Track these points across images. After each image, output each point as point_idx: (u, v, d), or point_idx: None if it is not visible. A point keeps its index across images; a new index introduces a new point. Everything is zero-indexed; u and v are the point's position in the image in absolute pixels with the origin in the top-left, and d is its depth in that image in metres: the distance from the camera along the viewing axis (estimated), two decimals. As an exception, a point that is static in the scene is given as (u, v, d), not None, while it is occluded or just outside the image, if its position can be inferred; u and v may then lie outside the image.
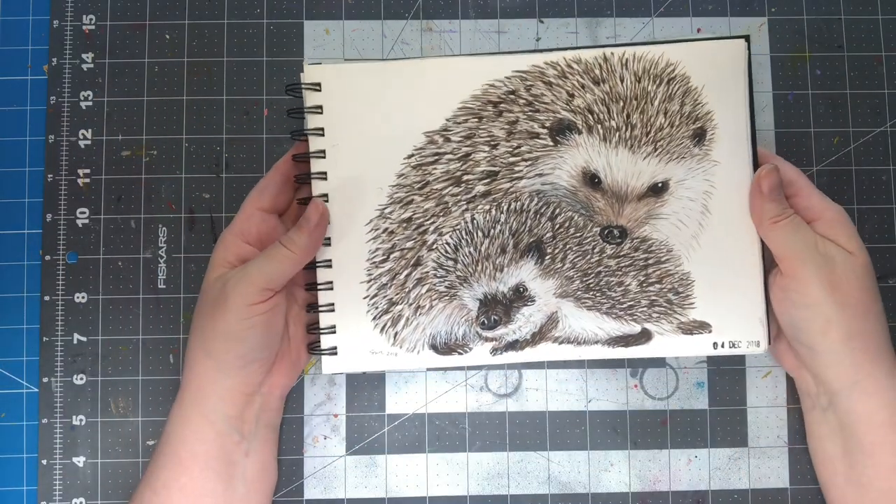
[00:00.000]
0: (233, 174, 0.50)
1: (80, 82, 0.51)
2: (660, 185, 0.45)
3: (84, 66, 0.51)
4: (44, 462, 0.48)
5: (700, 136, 0.45)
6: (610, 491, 0.49)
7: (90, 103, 0.51)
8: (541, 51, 0.46)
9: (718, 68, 0.45)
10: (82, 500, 0.48)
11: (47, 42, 0.51)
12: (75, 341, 0.49)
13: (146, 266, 0.50)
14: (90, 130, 0.50)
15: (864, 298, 0.41)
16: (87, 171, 0.50)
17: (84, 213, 0.50)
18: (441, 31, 0.52)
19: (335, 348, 0.45)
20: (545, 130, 0.45)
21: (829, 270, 0.41)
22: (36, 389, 0.49)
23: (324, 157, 0.45)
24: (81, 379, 0.49)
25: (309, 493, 0.48)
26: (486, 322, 0.45)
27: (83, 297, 0.49)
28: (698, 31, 0.52)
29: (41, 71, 0.51)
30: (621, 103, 0.45)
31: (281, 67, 0.51)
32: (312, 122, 0.45)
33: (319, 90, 0.45)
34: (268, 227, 0.44)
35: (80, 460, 0.48)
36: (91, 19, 0.51)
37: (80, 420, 0.49)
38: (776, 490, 0.49)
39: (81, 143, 0.50)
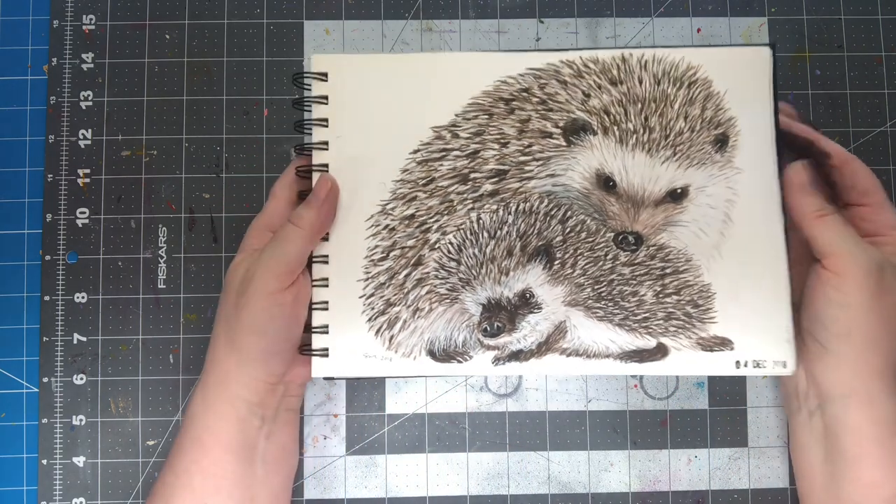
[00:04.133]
0: (233, 174, 0.50)
1: (80, 82, 0.51)
2: (679, 191, 0.43)
3: (84, 66, 0.51)
4: (44, 462, 0.48)
5: (722, 143, 0.43)
6: (610, 491, 0.49)
7: (90, 103, 0.51)
8: (557, 50, 0.44)
9: (742, 74, 0.43)
10: (82, 500, 0.48)
11: (47, 42, 0.51)
12: (75, 341, 0.49)
13: (146, 266, 0.50)
14: (90, 130, 0.50)
15: None
16: (87, 171, 0.50)
17: (84, 213, 0.50)
18: (441, 31, 0.52)
19: (326, 350, 0.43)
20: (558, 130, 0.43)
21: (878, 277, 0.39)
22: (36, 389, 0.49)
23: (326, 149, 0.44)
24: (81, 379, 0.49)
25: (309, 493, 0.48)
26: (488, 329, 0.42)
27: (83, 297, 0.49)
28: (698, 31, 0.52)
29: (41, 71, 0.51)
30: (639, 105, 0.43)
31: (281, 67, 0.51)
32: (317, 112, 0.44)
33: (326, 80, 0.44)
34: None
35: (80, 460, 0.48)
36: (91, 19, 0.51)
37: (80, 420, 0.49)
38: (776, 490, 0.49)
39: (81, 143, 0.50)
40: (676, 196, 0.43)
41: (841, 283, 0.40)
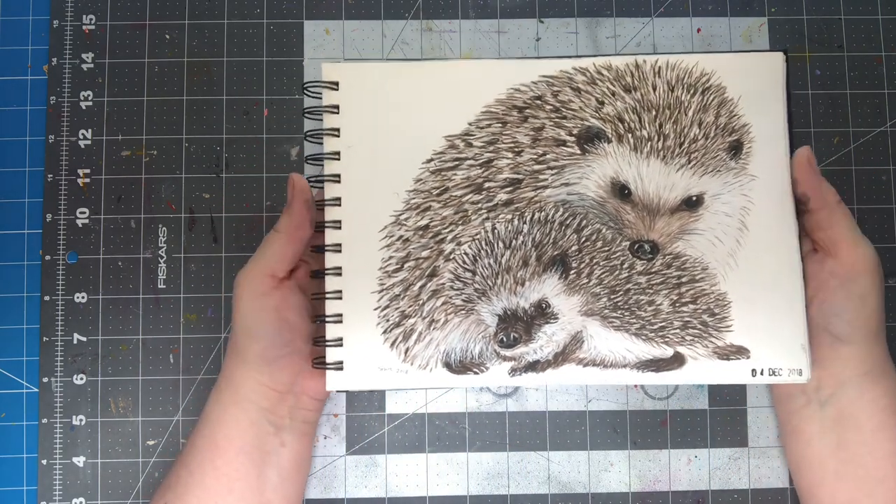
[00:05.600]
0: (233, 174, 0.50)
1: (80, 82, 0.51)
2: (694, 198, 0.43)
3: (84, 66, 0.51)
4: (44, 462, 0.48)
5: (736, 150, 0.43)
6: (610, 491, 0.49)
7: (90, 103, 0.51)
8: (570, 57, 0.44)
9: (755, 81, 0.43)
10: (82, 500, 0.48)
11: (47, 42, 0.51)
12: (75, 341, 0.49)
13: (146, 266, 0.50)
14: (90, 130, 0.50)
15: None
16: (87, 171, 0.50)
17: (84, 213, 0.50)
18: (441, 31, 0.52)
19: (341, 363, 0.42)
20: (572, 138, 0.43)
21: (879, 266, 0.42)
22: (36, 389, 0.49)
23: (338, 159, 0.43)
24: (81, 379, 0.49)
25: (309, 493, 0.49)
26: (504, 339, 0.42)
27: (83, 297, 0.49)
28: (698, 31, 0.52)
29: (41, 71, 0.51)
30: (653, 112, 0.43)
31: (281, 67, 0.51)
32: (328, 121, 0.43)
33: (337, 89, 0.44)
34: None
35: (80, 460, 0.48)
36: (91, 19, 0.51)
37: (80, 420, 0.49)
38: (776, 490, 0.49)
39: (81, 143, 0.50)
40: (692, 204, 0.43)
41: (858, 275, 0.41)
